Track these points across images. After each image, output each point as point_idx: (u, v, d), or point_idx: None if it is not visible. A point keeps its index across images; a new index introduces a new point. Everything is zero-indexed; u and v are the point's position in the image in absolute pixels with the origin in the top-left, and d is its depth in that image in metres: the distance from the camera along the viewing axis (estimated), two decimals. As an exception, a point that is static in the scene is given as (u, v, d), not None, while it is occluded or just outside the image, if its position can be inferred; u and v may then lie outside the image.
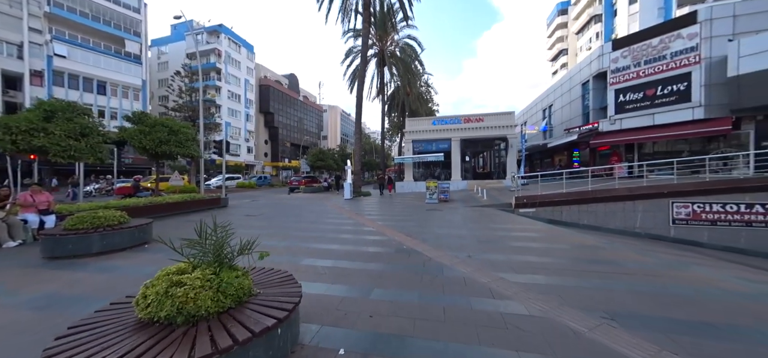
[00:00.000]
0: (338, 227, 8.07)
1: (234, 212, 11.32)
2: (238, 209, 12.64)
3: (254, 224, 8.71)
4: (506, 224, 8.31)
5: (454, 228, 7.69)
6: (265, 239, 6.47)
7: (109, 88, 33.62)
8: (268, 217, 10.08)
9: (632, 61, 16.77)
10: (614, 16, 49.63)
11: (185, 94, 23.28)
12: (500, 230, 7.45)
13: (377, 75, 28.79)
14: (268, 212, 11.32)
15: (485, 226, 7.99)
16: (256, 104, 55.23)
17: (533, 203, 11.21)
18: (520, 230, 7.31)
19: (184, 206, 10.92)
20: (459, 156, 21.33)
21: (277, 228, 7.91)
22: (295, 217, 10.05)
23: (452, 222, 8.64)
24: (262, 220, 9.41)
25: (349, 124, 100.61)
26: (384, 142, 31.52)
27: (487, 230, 7.46)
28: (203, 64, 44.16)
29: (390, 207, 12.76)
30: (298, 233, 7.17)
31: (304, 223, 8.77)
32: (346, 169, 17.36)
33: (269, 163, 59.66)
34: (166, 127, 9.91)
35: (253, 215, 10.57)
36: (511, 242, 6.10)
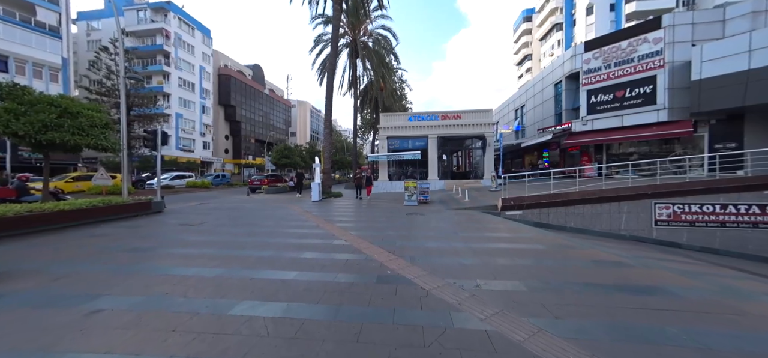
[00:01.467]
0: (301, 240, 6.33)
1: (166, 221, 8.94)
2: (175, 215, 10.18)
3: (188, 238, 6.61)
4: (500, 230, 7.22)
5: (445, 239, 6.38)
6: (193, 264, 4.56)
7: (12, 65, 27.40)
8: (212, 227, 7.96)
9: (603, 62, 17.11)
10: (573, 26, 53.03)
11: (116, 75, 19.31)
12: (497, 239, 6.29)
13: (349, 67, 26.96)
14: (214, 220, 9.13)
15: (478, 234, 6.80)
16: (214, 95, 50.00)
17: (520, 205, 10.40)
18: (520, 241, 6.21)
19: (94, 213, 8.30)
20: (436, 154, 20.42)
21: (218, 245, 5.95)
22: (247, 226, 8.05)
23: (440, 230, 7.34)
24: (200, 232, 7.30)
25: (320, 120, 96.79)
26: (356, 140, 29.78)
27: (482, 239, 6.25)
28: (147, 46, 38.67)
29: (365, 211, 11.20)
30: (244, 253, 5.32)
31: (257, 235, 6.87)
32: (313, 167, 15.39)
33: (230, 160, 54.57)
34: (56, 108, 7.29)
35: (191, 224, 8.33)
36: (518, 258, 4.91)
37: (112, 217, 8.81)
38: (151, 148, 11.55)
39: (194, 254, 5.24)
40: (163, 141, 11.66)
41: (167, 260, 4.96)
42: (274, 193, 20.72)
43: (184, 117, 41.04)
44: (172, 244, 6.05)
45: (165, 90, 38.43)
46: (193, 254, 5.24)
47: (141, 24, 38.76)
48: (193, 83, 42.93)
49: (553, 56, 55.82)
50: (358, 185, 15.53)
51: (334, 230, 7.37)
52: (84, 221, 8.09)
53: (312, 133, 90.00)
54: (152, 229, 7.66)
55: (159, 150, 11.56)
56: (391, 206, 12.60)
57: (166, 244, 6.07)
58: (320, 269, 4.41)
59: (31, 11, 28.76)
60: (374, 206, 12.70)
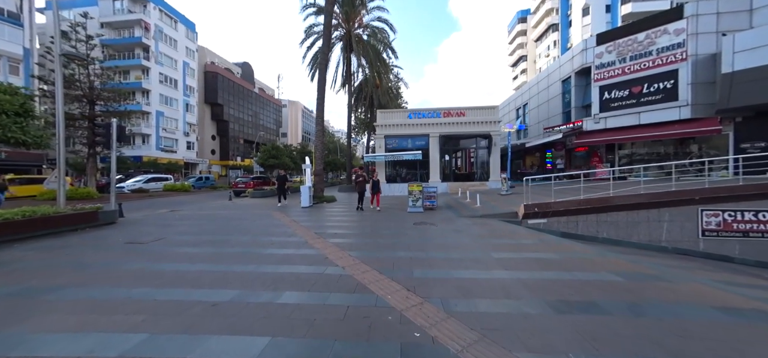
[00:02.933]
0: (282, 268, 4.60)
1: (110, 239, 7.05)
2: (129, 229, 8.26)
3: (123, 268, 4.79)
4: (540, 248, 5.64)
5: (476, 263, 4.75)
6: (99, 323, 2.76)
7: None
8: (166, 247, 6.12)
9: (617, 56, 15.95)
10: (569, 27, 52.75)
11: (78, 64, 17.07)
12: (547, 263, 4.70)
13: (343, 61, 25.25)
14: (175, 235, 7.27)
15: (517, 255, 5.20)
16: (200, 93, 47.41)
17: (546, 212, 8.90)
18: (579, 265, 4.63)
19: (13, 228, 6.34)
20: (438, 154, 18.88)
21: (160, 281, 4.16)
22: (215, 244, 6.25)
23: (463, 248, 5.72)
24: (147, 256, 5.47)
25: (312, 121, 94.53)
26: (350, 139, 28.04)
27: (528, 264, 4.64)
28: (124, 38, 36.03)
29: (364, 220, 9.49)
30: (193, 295, 3.56)
31: (223, 259, 5.10)
32: (304, 168, 13.62)
33: (217, 161, 51.93)
34: None
35: (140, 242, 6.46)
36: (601, 297, 3.31)
37: (37, 233, 6.84)
38: (105, 145, 9.57)
39: (113, 301, 3.44)
40: (119, 136, 9.71)
41: (56, 315, 3.16)
42: (260, 197, 18.77)
43: (165, 115, 38.43)
44: (92, 280, 4.22)
45: (144, 86, 35.81)
46: (112, 301, 3.44)
47: (117, 14, 36.09)
48: (175, 79, 40.35)
49: (549, 57, 55.43)
50: (360, 191, 11.69)
51: (327, 250, 5.65)
52: (18, 234, 6.15)
53: (303, 134, 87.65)
54: (78, 253, 5.77)
55: (113, 147, 9.60)
56: (393, 213, 10.93)
57: (83, 281, 4.23)
58: (306, 329, 2.71)
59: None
60: (374, 213, 11.01)
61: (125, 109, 20.44)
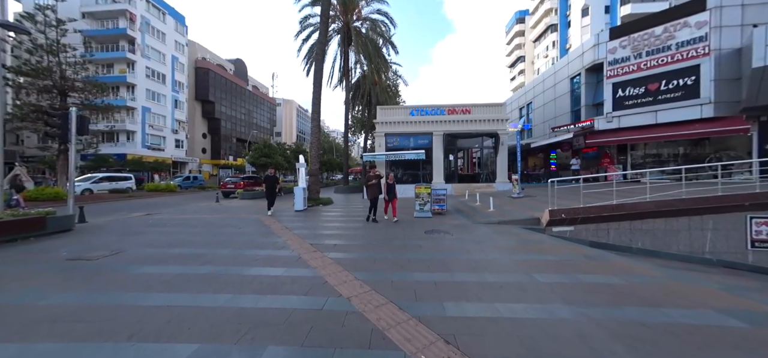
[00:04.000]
0: (266, 301, 3.37)
1: (55, 252, 5.73)
2: (83, 238, 6.92)
3: (47, 300, 3.52)
4: (591, 268, 4.51)
5: (530, 295, 3.59)
6: None
7: None
8: (122, 265, 4.85)
9: (632, 51, 15.08)
10: (568, 27, 52.42)
11: (44, 51, 15.46)
12: (615, 291, 3.56)
13: (340, 55, 24.01)
14: (139, 248, 5.98)
15: (572, 280, 4.06)
16: (190, 90, 45.57)
17: (573, 218, 7.83)
18: (657, 296, 3.50)
19: None
20: (442, 154, 17.79)
21: (93, 322, 2.92)
22: (185, 261, 4.98)
23: (496, 267, 4.57)
24: (91, 278, 4.19)
25: (307, 120, 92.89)
26: (347, 137, 26.77)
27: (598, 297, 3.50)
28: (108, 30, 34.14)
29: (366, 228, 8.28)
30: (130, 351, 2.31)
31: (192, 284, 3.85)
32: (298, 167, 12.36)
33: (208, 161, 50.08)
34: None
35: (89, 258, 5.16)
36: None
37: None
38: (61, 138, 8.18)
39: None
40: (80, 129, 8.34)
41: None
42: (251, 198, 17.40)
43: (152, 112, 36.57)
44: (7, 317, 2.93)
45: (129, 80, 33.94)
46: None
47: (100, 4, 34.17)
48: (163, 74, 38.51)
49: (548, 58, 55.01)
50: (373, 198, 8.79)
51: (325, 269, 4.44)
52: None
53: (298, 134, 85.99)
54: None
55: (72, 141, 8.22)
56: (403, 218, 9.74)
57: None
58: None
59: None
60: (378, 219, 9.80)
61: (104, 103, 18.74)
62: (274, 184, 10.71)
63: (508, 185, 17.08)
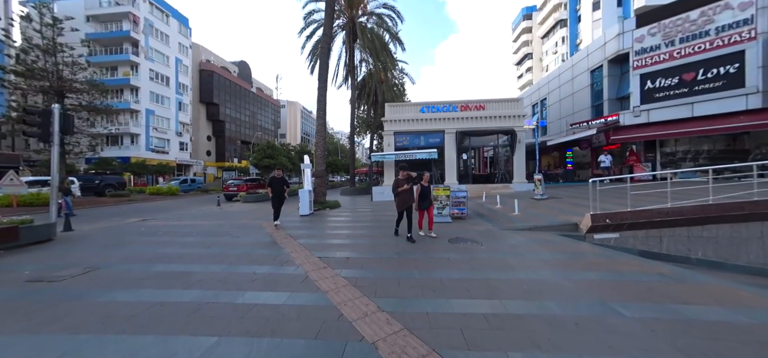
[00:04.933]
0: (262, 347, 2.40)
1: (17, 269, 4.91)
2: (64, 249, 6.12)
3: None
4: (684, 294, 3.47)
5: (638, 347, 2.57)
6: None
7: None
8: (91, 288, 4.00)
9: (663, 39, 13.87)
10: (578, 22, 50.89)
11: (40, 50, 14.92)
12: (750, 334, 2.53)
13: (346, 51, 23.14)
14: (118, 264, 5.14)
15: (676, 315, 3.03)
16: (194, 92, 45.31)
17: (619, 224, 6.76)
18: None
19: None
20: (455, 153, 16.74)
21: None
22: (167, 281, 4.08)
23: (561, 293, 3.56)
24: (42, 310, 3.33)
25: (311, 122, 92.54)
26: (353, 137, 25.87)
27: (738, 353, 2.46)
28: (112, 32, 33.90)
29: (380, 235, 7.32)
30: None
31: (169, 319, 2.93)
32: (303, 168, 11.48)
33: (213, 163, 49.78)
34: None
35: (54, 279, 4.30)
36: None
37: None
38: (42, 138, 7.39)
39: None
40: (65, 127, 7.55)
41: None
42: (253, 202, 16.60)
43: (156, 114, 36.23)
44: None
45: (132, 83, 33.63)
46: None
47: (104, 7, 33.97)
48: (167, 77, 38.19)
49: (557, 54, 53.47)
50: (405, 209, 6.43)
51: (339, 295, 3.49)
52: None
53: (303, 136, 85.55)
54: None
55: (55, 141, 7.42)
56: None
57: None
58: None
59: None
60: (390, 223, 8.83)
61: (103, 105, 18.13)
62: (282, 188, 8.29)
63: (526, 185, 15.98)
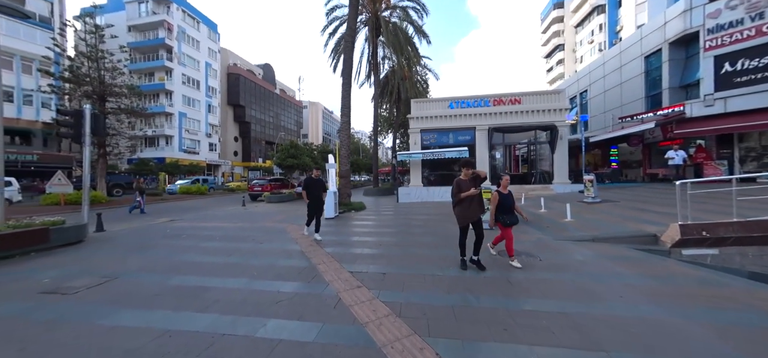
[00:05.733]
0: None
1: (35, 276, 4.68)
2: (90, 253, 5.94)
3: None
4: None
5: None
6: None
7: (18, 63, 24.90)
8: (101, 304, 3.56)
9: (748, 11, 11.69)
10: (619, 7, 46.61)
11: (85, 57, 15.80)
12: None
13: (369, 46, 22.51)
14: (139, 274, 4.78)
15: None
16: (222, 95, 47.11)
17: (721, 238, 5.39)
18: None
19: None
20: (487, 151, 15.49)
21: None
22: (179, 301, 3.55)
23: (698, 351, 2.51)
24: (43, 334, 2.84)
25: (332, 122, 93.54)
26: (377, 135, 25.20)
27: None
28: (149, 41, 35.91)
29: (415, 245, 6.51)
30: None
31: (174, 354, 2.29)
32: (327, 168, 10.92)
33: (239, 163, 51.57)
34: None
35: (67, 292, 3.94)
36: None
37: None
38: (73, 138, 7.36)
39: None
40: (95, 129, 7.47)
41: None
42: (277, 202, 16.43)
43: (188, 116, 37.99)
44: None
45: (167, 87, 35.45)
46: None
47: (142, 17, 36.08)
48: (198, 80, 39.93)
49: (593, 44, 49.29)
50: (472, 220, 4.42)
51: (382, 332, 2.71)
52: None
53: (324, 136, 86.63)
54: None
55: (86, 141, 7.34)
56: (449, 228, 7.83)
57: None
58: None
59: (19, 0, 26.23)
60: (426, 228, 7.98)
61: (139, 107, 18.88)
62: (321, 192, 6.78)
63: (568, 186, 14.40)
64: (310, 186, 6.74)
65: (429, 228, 8.09)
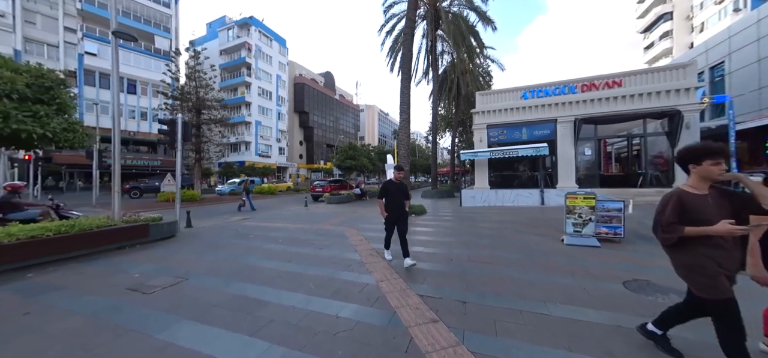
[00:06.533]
0: None
1: (130, 270, 5.07)
2: (176, 249, 6.46)
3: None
4: None
5: None
6: None
7: (139, 87, 31.90)
8: (151, 322, 3.45)
9: None
10: (765, -49, 34.78)
11: (187, 76, 18.97)
12: None
13: (427, 42, 21.38)
14: (204, 276, 4.84)
15: None
16: (290, 103, 51.96)
17: None
18: None
19: (67, 244, 5.02)
20: (572, 147, 12.82)
21: None
22: (232, 316, 3.22)
23: None
24: (109, 339, 2.71)
25: (388, 124, 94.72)
26: (436, 134, 23.83)
27: None
28: (234, 61, 41.66)
29: (497, 261, 5.29)
30: None
31: None
32: (386, 168, 10.30)
33: (304, 165, 56.14)
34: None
35: (147, 291, 4.07)
36: None
37: (91, 250, 5.56)
38: (169, 144, 8.31)
39: None
40: (185, 135, 8.28)
41: None
42: (337, 203, 16.69)
43: (262, 124, 42.87)
44: None
45: (247, 99, 40.60)
46: None
47: (230, 41, 42.16)
48: (270, 92, 44.76)
49: (723, 2, 37.73)
50: (715, 277, 1.88)
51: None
52: (47, 257, 4.90)
53: (380, 137, 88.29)
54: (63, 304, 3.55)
55: (178, 146, 8.20)
56: (533, 242, 6.28)
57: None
58: None
59: (150, 40, 33.29)
60: (503, 240, 6.61)
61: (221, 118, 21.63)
62: (403, 200, 4.97)
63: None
64: (391, 192, 4.90)
65: (506, 240, 6.67)
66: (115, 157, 6.69)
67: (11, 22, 27.05)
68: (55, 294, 3.88)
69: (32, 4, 28.62)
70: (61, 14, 30.01)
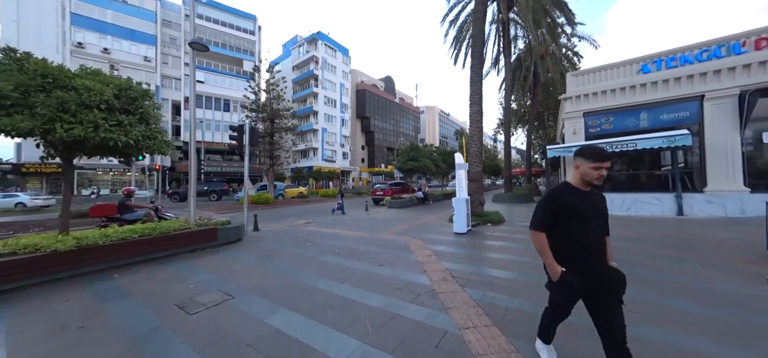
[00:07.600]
0: None
1: (187, 279, 4.93)
2: (237, 255, 6.39)
3: None
4: None
5: None
6: None
7: (231, 105, 37.57)
8: (224, 328, 2.80)
9: None
10: None
11: (264, 91, 21.20)
12: None
13: (497, 27, 18.76)
14: (251, 293, 4.32)
15: None
16: (352, 109, 54.15)
17: None
18: None
19: (143, 247, 5.35)
20: (734, 134, 8.86)
21: None
22: (276, 347, 2.34)
23: None
24: None
25: (448, 124, 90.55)
26: (509, 131, 20.74)
27: None
28: (304, 74, 45.38)
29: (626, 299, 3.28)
30: None
31: None
32: (456, 168, 8.78)
33: (365, 168, 57.65)
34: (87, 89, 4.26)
35: (192, 310, 3.64)
36: None
37: (169, 251, 5.89)
38: (238, 150, 8.61)
39: None
40: (252, 140, 8.46)
41: None
42: (398, 207, 15.75)
43: (328, 131, 45.58)
44: None
45: (314, 108, 43.76)
46: None
47: (301, 57, 46.35)
48: (334, 100, 47.35)
49: None
50: None
51: None
52: (132, 258, 5.28)
53: (441, 139, 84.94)
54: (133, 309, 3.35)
55: (246, 152, 8.42)
56: (725, 284, 3.91)
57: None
58: None
59: (239, 64, 39.02)
60: (637, 268, 4.41)
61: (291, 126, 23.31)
62: (605, 237, 1.92)
63: None
64: (576, 214, 1.86)
65: (658, 273, 4.43)
66: (191, 166, 7.06)
67: (154, 64, 35.13)
68: (119, 303, 3.78)
69: (166, 48, 36.66)
70: (182, 53, 37.74)
